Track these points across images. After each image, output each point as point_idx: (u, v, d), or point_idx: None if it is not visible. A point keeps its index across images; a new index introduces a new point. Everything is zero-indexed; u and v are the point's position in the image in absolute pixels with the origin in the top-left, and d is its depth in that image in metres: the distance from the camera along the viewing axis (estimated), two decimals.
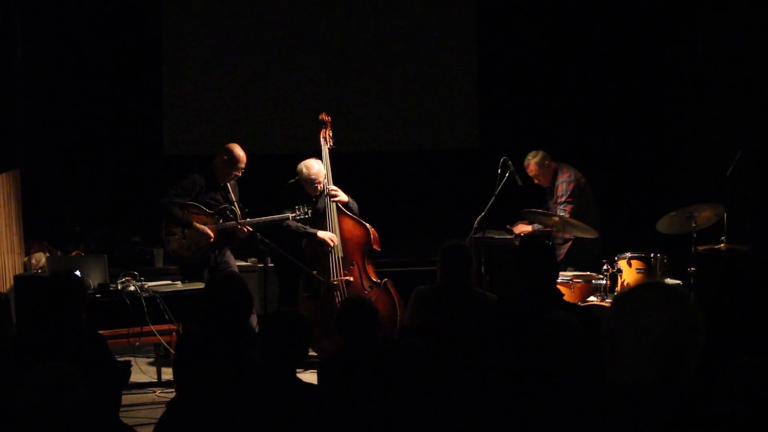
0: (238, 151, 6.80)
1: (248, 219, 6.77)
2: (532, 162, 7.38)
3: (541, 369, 3.40)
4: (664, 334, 2.18)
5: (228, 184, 6.85)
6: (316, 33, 9.16)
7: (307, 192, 7.00)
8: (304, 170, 6.96)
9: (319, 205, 7.00)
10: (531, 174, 7.38)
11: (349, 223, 6.96)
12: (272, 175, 7.33)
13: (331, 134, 7.07)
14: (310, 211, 6.84)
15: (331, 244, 6.85)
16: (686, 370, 2.19)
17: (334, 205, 6.92)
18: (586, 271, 6.87)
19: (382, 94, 9.24)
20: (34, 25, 8.59)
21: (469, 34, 9.28)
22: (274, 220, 6.83)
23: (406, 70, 9.24)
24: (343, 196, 6.95)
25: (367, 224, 7.00)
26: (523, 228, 7.46)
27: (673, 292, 2.26)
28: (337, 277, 6.85)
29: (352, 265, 6.91)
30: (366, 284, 6.88)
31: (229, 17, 9.12)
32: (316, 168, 6.95)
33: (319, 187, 6.98)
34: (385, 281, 6.89)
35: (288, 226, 6.88)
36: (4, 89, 8.11)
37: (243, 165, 6.80)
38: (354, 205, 7.05)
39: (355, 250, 6.93)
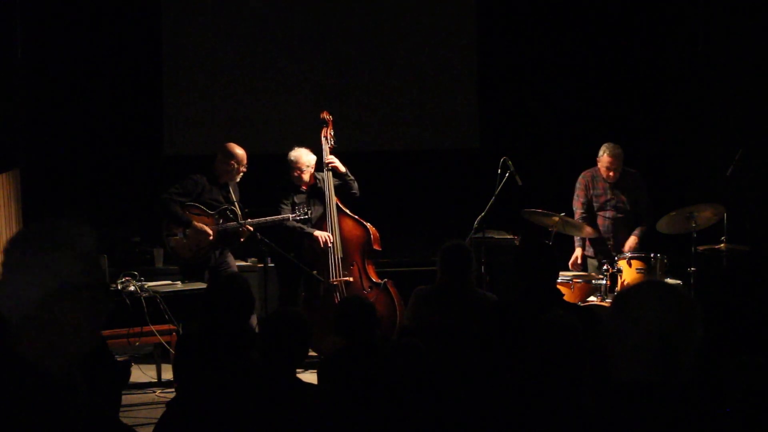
0: (237, 150, 6.82)
1: (249, 219, 6.77)
2: (621, 152, 7.10)
3: (540, 369, 3.40)
4: (662, 331, 2.21)
5: (229, 185, 6.85)
6: (316, 33, 9.16)
7: (294, 182, 7.01)
8: (289, 154, 7.00)
9: (317, 208, 7.01)
10: (613, 166, 7.06)
11: (349, 223, 6.96)
12: (272, 175, 7.32)
13: (332, 133, 7.07)
14: (309, 212, 6.85)
15: (322, 243, 6.83)
16: (684, 368, 2.22)
17: (334, 205, 6.93)
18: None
19: (382, 94, 9.24)
20: (34, 25, 8.59)
21: (469, 34, 9.27)
22: (274, 221, 6.84)
23: (406, 70, 9.24)
24: (339, 165, 6.96)
25: (368, 224, 6.99)
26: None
27: (672, 290, 2.28)
28: (336, 277, 6.85)
29: (352, 265, 6.91)
30: (366, 285, 6.88)
31: (229, 17, 9.12)
32: (297, 153, 6.98)
33: (299, 175, 6.97)
34: (385, 282, 6.89)
35: (287, 225, 6.90)
36: (4, 89, 8.11)
37: (245, 162, 6.82)
38: (354, 184, 7.07)
39: (355, 251, 6.93)
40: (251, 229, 6.69)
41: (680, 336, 2.21)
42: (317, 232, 6.87)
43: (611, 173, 7.10)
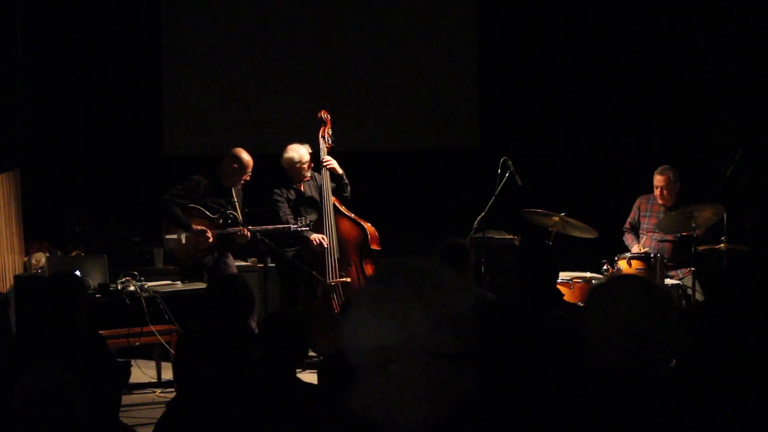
0: (246, 157, 6.79)
1: (250, 227, 6.73)
2: (670, 174, 7.00)
3: (540, 369, 3.40)
4: (633, 321, 2.33)
5: (233, 188, 6.84)
6: (316, 33, 9.16)
7: (294, 178, 7.03)
8: (288, 151, 7.04)
9: (311, 213, 7.02)
10: (661, 184, 6.99)
11: (345, 224, 6.95)
12: (272, 175, 7.32)
13: (330, 132, 7.06)
14: (311, 222, 6.84)
15: (316, 244, 6.81)
16: (658, 354, 2.34)
17: (331, 206, 6.92)
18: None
19: (382, 94, 9.23)
20: (34, 25, 8.59)
21: (469, 34, 9.27)
22: (276, 230, 6.81)
23: (406, 70, 9.23)
24: (337, 167, 6.97)
25: (366, 224, 6.98)
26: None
27: (643, 283, 2.45)
28: (333, 278, 6.83)
29: (350, 265, 6.90)
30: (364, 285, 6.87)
31: (229, 17, 9.12)
32: (297, 151, 7.01)
33: (302, 171, 6.98)
34: None
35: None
36: (4, 89, 8.11)
37: (249, 169, 6.81)
38: (348, 188, 7.07)
39: (352, 251, 6.92)
40: (248, 235, 6.65)
41: (652, 325, 2.34)
42: (313, 235, 6.86)
43: (657, 192, 7.05)
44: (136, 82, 8.98)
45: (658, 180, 7.04)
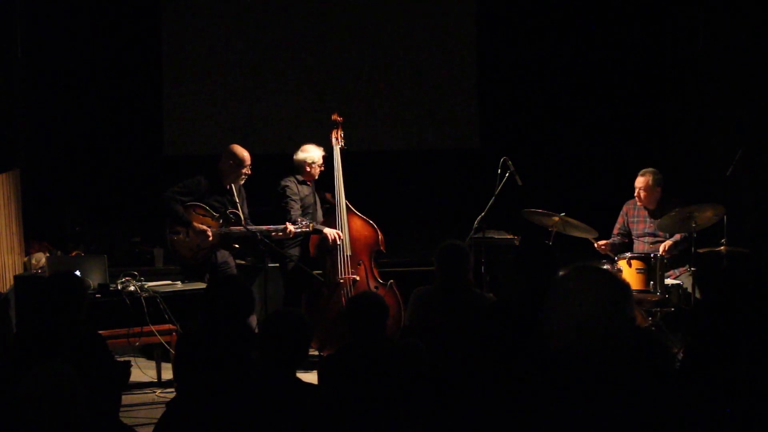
0: (242, 152, 6.80)
1: (251, 226, 6.72)
2: (650, 178, 6.99)
3: (540, 368, 3.40)
4: (593, 309, 2.51)
5: (233, 188, 6.83)
6: (316, 33, 9.17)
7: (305, 176, 7.04)
8: (306, 151, 7.07)
9: (328, 212, 7.04)
10: (639, 186, 7.00)
11: (357, 223, 6.95)
12: (272, 175, 7.32)
13: (342, 134, 7.12)
14: (312, 225, 6.84)
15: (331, 240, 6.82)
16: (615, 341, 2.50)
17: (344, 203, 6.92)
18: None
19: (382, 94, 9.24)
20: (34, 25, 8.59)
21: (469, 34, 9.28)
22: (276, 230, 6.79)
23: (406, 70, 9.24)
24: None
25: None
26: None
27: (603, 274, 2.63)
28: (344, 274, 6.83)
29: (359, 264, 6.90)
30: (372, 284, 6.86)
31: (229, 18, 9.13)
32: (313, 151, 7.06)
33: (315, 171, 7.04)
34: (390, 282, 6.88)
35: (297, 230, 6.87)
36: (4, 89, 8.11)
37: (249, 164, 6.80)
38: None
39: (362, 250, 6.92)
40: (292, 231, 6.64)
41: (610, 312, 2.50)
42: (327, 230, 6.85)
43: (636, 193, 7.06)
44: (136, 82, 8.99)
45: (638, 182, 7.04)
